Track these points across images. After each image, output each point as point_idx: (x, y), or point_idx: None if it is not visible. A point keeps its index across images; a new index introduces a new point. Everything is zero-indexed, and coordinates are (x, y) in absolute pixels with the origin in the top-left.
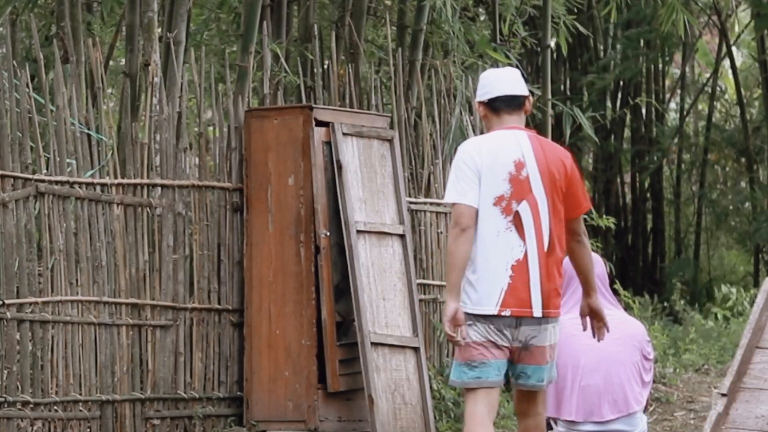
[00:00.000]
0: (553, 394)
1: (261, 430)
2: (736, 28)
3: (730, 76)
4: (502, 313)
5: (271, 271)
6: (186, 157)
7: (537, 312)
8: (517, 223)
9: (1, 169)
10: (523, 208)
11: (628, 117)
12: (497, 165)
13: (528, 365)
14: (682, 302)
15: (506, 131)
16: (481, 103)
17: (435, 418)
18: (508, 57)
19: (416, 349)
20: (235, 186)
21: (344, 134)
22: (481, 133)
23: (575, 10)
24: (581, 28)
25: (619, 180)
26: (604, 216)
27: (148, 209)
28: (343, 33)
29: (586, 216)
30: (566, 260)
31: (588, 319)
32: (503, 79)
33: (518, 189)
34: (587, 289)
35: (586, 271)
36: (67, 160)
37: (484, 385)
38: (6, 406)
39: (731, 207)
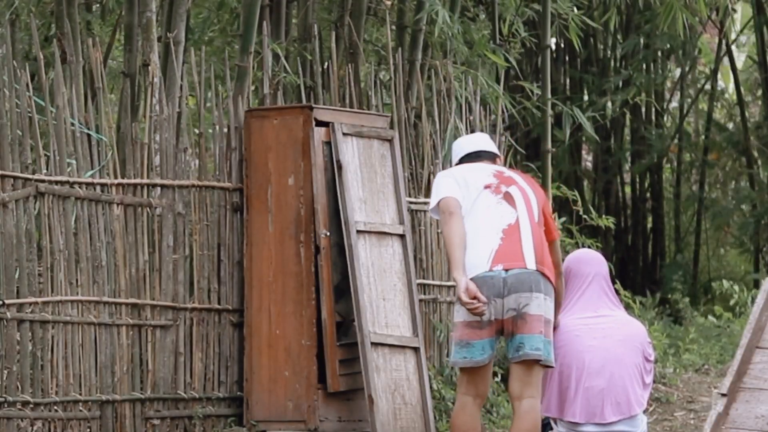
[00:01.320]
0: (556, 394)
1: (261, 430)
2: (735, 29)
3: (731, 75)
4: (494, 269)
5: (271, 271)
6: (186, 157)
7: (530, 264)
8: (508, 197)
9: (1, 169)
10: (513, 189)
11: (628, 117)
12: (478, 170)
13: (523, 334)
14: (686, 300)
15: (478, 162)
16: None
17: (435, 418)
18: (507, 58)
19: (416, 349)
20: (235, 186)
21: (344, 134)
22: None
23: (575, 10)
24: (589, 22)
25: (619, 180)
26: (604, 216)
27: (148, 209)
28: (342, 33)
29: (586, 216)
30: (568, 259)
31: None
32: (467, 142)
33: (504, 180)
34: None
35: (559, 295)
36: (67, 160)
37: (469, 364)
38: (6, 406)
39: (731, 207)
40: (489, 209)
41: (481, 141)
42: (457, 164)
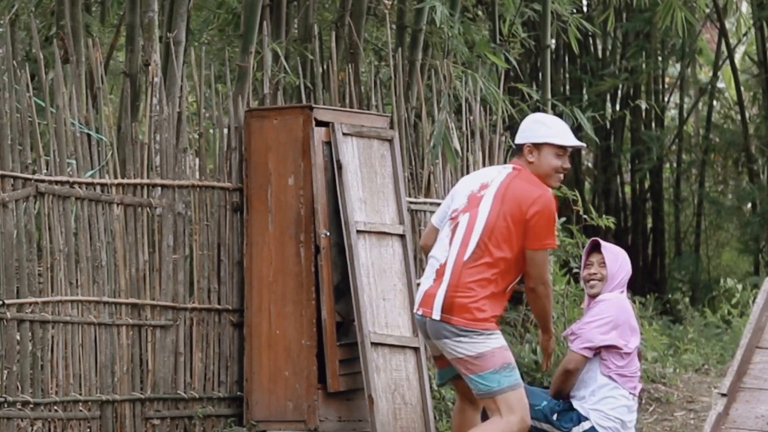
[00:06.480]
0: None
1: (261, 430)
2: (735, 30)
3: (731, 75)
4: (418, 312)
5: (271, 271)
6: (186, 157)
7: (435, 314)
8: (454, 230)
9: (1, 169)
10: (463, 219)
11: (628, 117)
12: (468, 185)
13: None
14: (687, 300)
15: (501, 165)
16: None
17: (435, 418)
18: (507, 59)
19: (416, 349)
20: (235, 186)
21: (344, 134)
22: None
23: (575, 11)
24: (588, 26)
25: (619, 180)
26: (604, 216)
27: (148, 209)
28: (343, 33)
29: (586, 216)
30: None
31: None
32: (521, 128)
33: (470, 203)
34: (542, 329)
35: (539, 317)
36: (67, 160)
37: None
38: (6, 406)
39: (731, 207)
40: (439, 243)
41: (522, 130)
42: None
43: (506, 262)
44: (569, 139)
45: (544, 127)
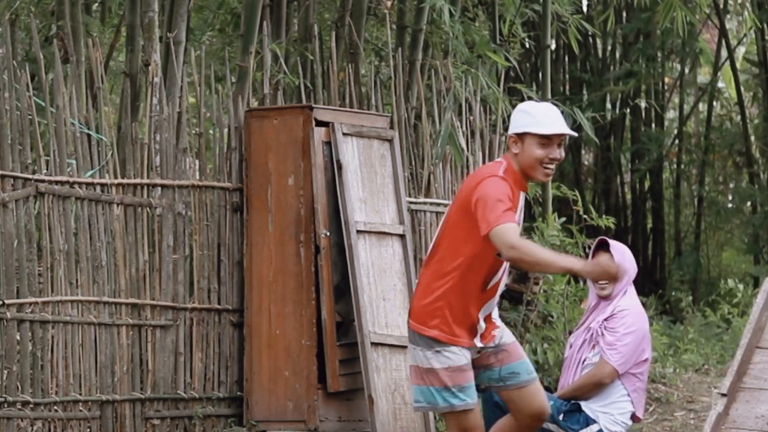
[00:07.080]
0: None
1: (261, 430)
2: (735, 31)
3: (731, 75)
4: None
5: (271, 271)
6: (186, 157)
7: (408, 318)
8: None
9: (1, 169)
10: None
11: (628, 117)
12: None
13: None
14: (687, 299)
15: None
16: None
17: (435, 418)
18: (507, 58)
19: None
20: (235, 186)
21: (344, 134)
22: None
23: (575, 12)
24: (588, 27)
25: (619, 180)
26: (604, 216)
27: (148, 209)
28: (343, 33)
29: (586, 216)
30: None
31: None
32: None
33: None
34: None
35: (542, 271)
36: (67, 160)
37: None
38: (6, 406)
39: (731, 207)
40: None
41: (510, 122)
42: None
43: (464, 258)
44: (551, 127)
45: (526, 116)
